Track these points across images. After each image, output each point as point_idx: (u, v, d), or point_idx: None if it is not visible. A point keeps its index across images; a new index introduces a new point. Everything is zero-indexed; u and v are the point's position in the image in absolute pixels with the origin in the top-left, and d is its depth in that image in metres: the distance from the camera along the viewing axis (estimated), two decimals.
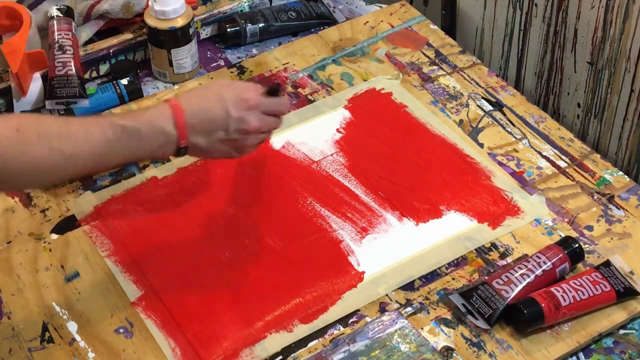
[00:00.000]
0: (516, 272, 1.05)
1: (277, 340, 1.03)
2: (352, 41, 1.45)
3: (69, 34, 1.34)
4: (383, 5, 1.53)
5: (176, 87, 1.38)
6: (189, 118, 1.01)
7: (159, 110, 1.01)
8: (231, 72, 1.40)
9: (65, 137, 0.93)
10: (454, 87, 1.36)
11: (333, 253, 1.12)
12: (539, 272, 1.05)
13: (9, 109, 1.33)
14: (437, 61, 1.41)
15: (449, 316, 1.06)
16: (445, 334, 1.04)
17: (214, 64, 1.44)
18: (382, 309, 1.07)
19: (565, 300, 1.02)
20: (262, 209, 1.18)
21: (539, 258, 1.07)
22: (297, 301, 1.07)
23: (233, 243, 1.13)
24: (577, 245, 1.08)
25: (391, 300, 1.08)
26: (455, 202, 1.18)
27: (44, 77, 1.33)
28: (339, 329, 1.05)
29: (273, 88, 1.09)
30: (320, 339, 1.04)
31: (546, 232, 1.14)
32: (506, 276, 1.05)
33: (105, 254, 1.13)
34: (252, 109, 1.05)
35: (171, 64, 1.37)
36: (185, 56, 1.37)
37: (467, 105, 1.33)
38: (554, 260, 1.06)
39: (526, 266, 1.06)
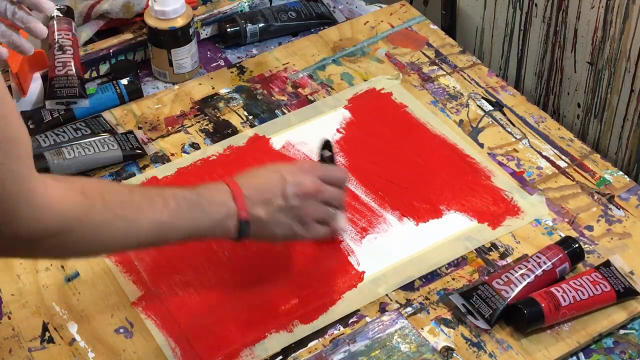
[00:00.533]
0: (516, 272, 1.05)
1: (277, 340, 1.03)
2: (352, 41, 1.45)
3: (69, 34, 1.34)
4: (383, 5, 1.53)
5: (176, 87, 1.38)
6: (244, 189, 0.99)
7: (215, 186, 0.99)
8: (231, 72, 1.40)
9: (129, 203, 0.91)
10: (454, 87, 1.36)
11: (333, 253, 1.12)
12: (539, 272, 1.05)
13: None
14: (437, 61, 1.41)
15: (449, 316, 1.06)
16: (445, 334, 1.04)
17: (214, 64, 1.44)
18: (382, 309, 1.07)
19: (565, 301, 1.02)
20: None
21: (539, 258, 1.07)
22: (297, 301, 1.07)
23: (233, 243, 1.13)
24: (577, 245, 1.08)
25: (391, 300, 1.08)
26: (455, 202, 1.18)
27: (44, 77, 1.33)
28: (339, 329, 1.05)
29: (324, 148, 1.10)
30: (320, 339, 1.04)
31: (546, 232, 1.14)
32: (506, 276, 1.05)
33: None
34: (307, 173, 1.03)
35: (171, 64, 1.38)
36: (185, 56, 1.37)
37: (467, 105, 1.33)
38: (554, 260, 1.06)
39: (526, 266, 1.06)
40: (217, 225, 0.97)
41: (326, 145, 1.12)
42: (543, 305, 1.01)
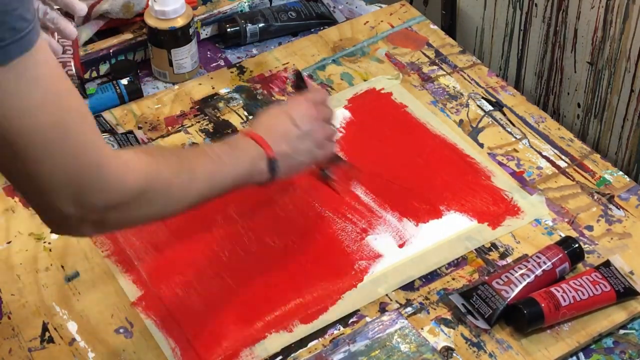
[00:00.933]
0: (516, 272, 1.05)
1: (277, 340, 1.03)
2: (352, 41, 1.45)
3: None
4: (383, 5, 1.53)
5: (176, 87, 1.38)
6: (262, 133, 1.04)
7: (234, 137, 1.05)
8: (231, 72, 1.40)
9: (182, 157, 0.95)
10: (454, 87, 1.36)
11: (333, 253, 1.12)
12: (538, 272, 1.05)
13: None
14: (437, 61, 1.41)
15: (449, 316, 1.06)
16: (445, 334, 1.04)
17: (214, 64, 1.44)
18: (382, 309, 1.07)
19: (565, 301, 1.02)
20: (262, 209, 1.18)
21: (539, 258, 1.07)
22: (297, 301, 1.07)
23: (233, 243, 1.13)
24: (577, 245, 1.08)
25: (391, 300, 1.08)
26: (455, 202, 1.18)
27: None
28: (339, 329, 1.05)
29: (297, 77, 1.16)
30: (320, 339, 1.04)
31: (546, 232, 1.14)
32: (506, 276, 1.05)
33: (105, 254, 1.13)
34: (302, 102, 1.10)
35: (171, 64, 1.38)
36: (185, 56, 1.37)
37: (467, 105, 1.33)
38: (554, 260, 1.06)
39: (526, 266, 1.06)
40: (253, 168, 1.01)
41: (297, 76, 1.17)
42: (543, 305, 1.01)
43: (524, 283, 1.04)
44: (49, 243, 1.15)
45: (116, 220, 0.86)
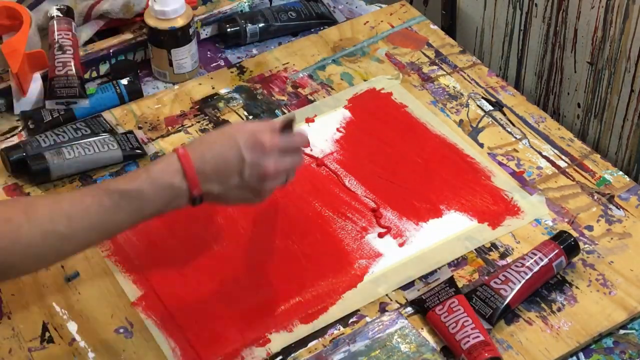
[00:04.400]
0: (513, 270, 1.06)
1: (277, 340, 1.03)
2: (352, 41, 1.45)
3: (69, 34, 1.34)
4: (383, 5, 1.53)
5: (176, 87, 1.38)
6: (199, 165, 0.94)
7: (165, 163, 0.94)
8: (231, 72, 1.40)
9: (58, 216, 0.89)
10: (454, 87, 1.36)
11: (333, 253, 1.12)
12: (536, 268, 1.05)
13: (9, 109, 1.34)
14: (437, 61, 1.41)
15: None
16: None
17: (214, 64, 1.44)
18: (382, 309, 1.07)
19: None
20: (262, 209, 1.18)
21: (535, 255, 1.07)
22: (297, 301, 1.07)
23: (233, 243, 1.13)
24: (572, 239, 1.08)
25: (391, 300, 1.08)
26: (456, 202, 1.18)
27: (44, 77, 1.33)
28: (339, 329, 1.05)
29: (288, 121, 1.03)
30: (320, 339, 1.04)
31: (546, 232, 1.14)
32: (504, 275, 1.05)
33: (105, 254, 1.13)
34: (268, 152, 0.97)
35: (171, 64, 1.38)
36: (185, 56, 1.37)
37: (467, 105, 1.33)
38: (550, 256, 1.06)
39: (523, 264, 1.06)
40: (165, 207, 0.95)
41: (290, 122, 1.03)
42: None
43: (522, 281, 1.04)
44: None
45: None
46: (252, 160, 0.96)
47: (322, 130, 1.29)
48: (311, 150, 1.25)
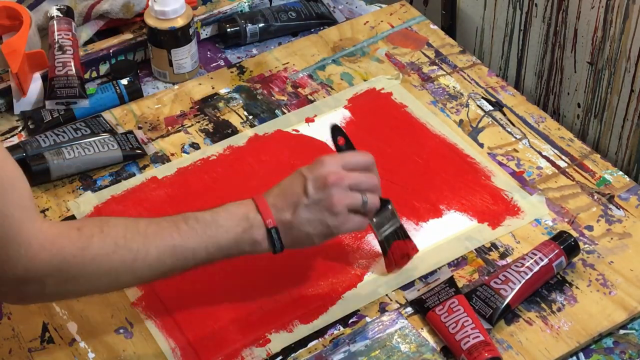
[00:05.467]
0: (513, 270, 1.06)
1: (277, 340, 1.03)
2: (352, 41, 1.45)
3: (69, 34, 1.34)
4: (383, 5, 1.53)
5: (176, 87, 1.38)
6: (269, 198, 0.97)
7: (239, 202, 0.98)
8: (231, 72, 1.40)
9: (133, 232, 0.90)
10: (454, 87, 1.36)
11: (333, 253, 1.12)
12: (536, 268, 1.05)
13: (9, 109, 1.34)
14: (437, 61, 1.41)
15: None
16: None
17: (214, 64, 1.44)
18: (382, 309, 1.07)
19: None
20: None
21: (535, 255, 1.07)
22: (297, 301, 1.07)
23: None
24: (572, 239, 1.08)
25: (391, 300, 1.08)
26: (456, 202, 1.18)
27: (44, 77, 1.33)
28: (339, 329, 1.05)
29: (335, 135, 1.04)
30: (320, 339, 1.04)
31: (546, 232, 1.14)
32: (504, 275, 1.05)
33: None
34: (327, 164, 0.98)
35: (171, 64, 1.38)
36: (185, 56, 1.37)
37: (467, 105, 1.33)
38: (550, 256, 1.06)
39: (523, 264, 1.06)
40: (240, 239, 0.95)
41: (336, 130, 1.06)
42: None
43: (522, 281, 1.04)
44: None
45: (38, 294, 0.87)
46: (312, 175, 0.98)
47: (322, 130, 1.29)
48: None
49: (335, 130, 1.06)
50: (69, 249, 0.85)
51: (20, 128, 1.32)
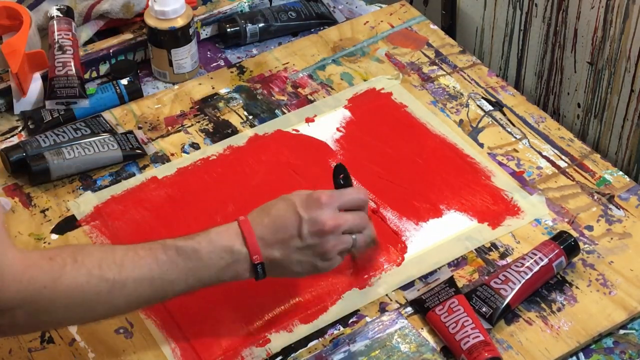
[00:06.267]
0: (513, 270, 1.06)
1: (277, 340, 1.03)
2: (352, 41, 1.45)
3: (69, 34, 1.34)
4: (383, 5, 1.53)
5: (176, 87, 1.38)
6: (258, 231, 0.93)
7: (224, 227, 0.94)
8: (231, 72, 1.40)
9: (109, 262, 0.86)
10: (454, 87, 1.36)
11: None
12: (536, 268, 1.05)
13: (9, 109, 1.34)
14: (437, 61, 1.41)
15: None
16: None
17: (214, 64, 1.44)
18: (382, 309, 1.07)
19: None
20: None
21: (535, 255, 1.07)
22: (297, 301, 1.07)
23: None
24: (572, 239, 1.08)
25: (391, 300, 1.08)
26: (456, 202, 1.18)
27: (44, 77, 1.33)
28: (339, 329, 1.05)
29: (338, 173, 1.03)
30: (320, 339, 1.04)
31: (546, 232, 1.14)
32: (504, 275, 1.05)
33: None
34: (324, 206, 0.95)
35: (171, 64, 1.37)
36: (185, 56, 1.37)
37: (467, 105, 1.33)
38: (550, 256, 1.06)
39: (523, 264, 1.06)
40: (222, 273, 0.93)
41: (340, 169, 1.04)
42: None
43: (522, 281, 1.04)
44: (49, 243, 1.15)
45: (8, 326, 0.84)
46: (309, 217, 0.94)
47: (322, 130, 1.29)
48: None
49: (339, 168, 1.04)
50: (40, 280, 0.82)
51: (20, 128, 1.32)
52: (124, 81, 1.35)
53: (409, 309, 1.06)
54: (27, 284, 0.82)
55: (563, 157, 1.25)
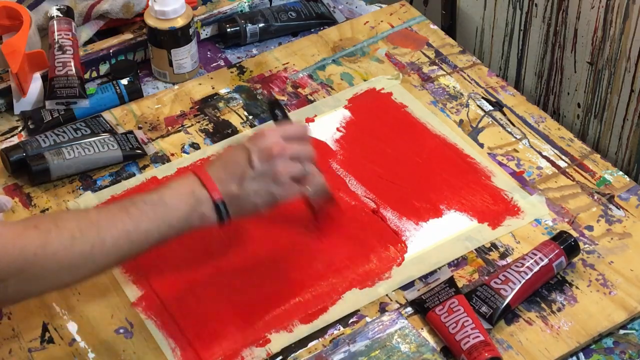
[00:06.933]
0: (513, 270, 1.06)
1: (277, 340, 1.03)
2: (352, 41, 1.45)
3: (69, 34, 1.34)
4: (383, 5, 1.53)
5: (176, 87, 1.38)
6: (212, 173, 0.98)
7: (181, 178, 0.99)
8: (231, 72, 1.40)
9: (86, 223, 0.91)
10: (454, 87, 1.36)
11: (333, 252, 1.12)
12: (536, 268, 1.05)
13: (9, 109, 1.34)
14: (437, 61, 1.41)
15: None
16: None
17: (214, 64, 1.44)
18: (382, 309, 1.07)
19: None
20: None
21: (535, 255, 1.07)
22: (297, 301, 1.07)
23: (233, 243, 1.13)
24: (572, 239, 1.08)
25: (391, 300, 1.08)
26: (456, 202, 1.18)
27: (44, 77, 1.33)
28: (339, 329, 1.05)
29: (273, 108, 1.10)
30: (320, 339, 1.04)
31: (546, 232, 1.14)
32: (504, 275, 1.05)
33: None
34: (267, 136, 1.01)
35: (171, 64, 1.38)
36: (185, 56, 1.37)
37: (467, 105, 1.33)
38: (550, 256, 1.06)
39: (523, 264, 1.06)
40: (189, 216, 0.96)
41: (274, 104, 1.12)
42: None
43: (523, 281, 1.04)
44: None
45: (18, 289, 0.88)
46: (255, 146, 1.00)
47: (322, 130, 1.29)
48: None
49: (274, 103, 1.12)
50: (30, 249, 0.86)
51: (20, 128, 1.32)
52: (124, 81, 1.35)
53: (409, 309, 1.06)
54: (19, 254, 0.85)
55: (563, 157, 1.25)
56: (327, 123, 1.30)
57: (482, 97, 1.34)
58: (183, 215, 0.96)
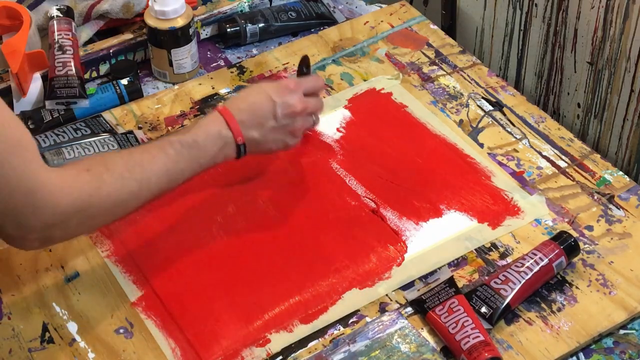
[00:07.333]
0: (513, 270, 1.06)
1: (277, 340, 1.03)
2: (352, 41, 1.45)
3: (69, 34, 1.34)
4: (383, 5, 1.53)
5: (176, 87, 1.38)
6: (237, 115, 1.08)
7: (209, 118, 1.09)
8: (231, 72, 1.40)
9: (132, 164, 0.99)
10: (454, 87, 1.36)
11: (334, 253, 1.12)
12: (536, 268, 1.05)
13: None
14: (437, 61, 1.41)
15: None
16: None
17: (214, 64, 1.44)
18: (382, 309, 1.07)
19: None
20: (262, 209, 1.18)
21: (535, 255, 1.07)
22: (297, 301, 1.07)
23: (233, 243, 1.13)
24: (572, 239, 1.08)
25: (391, 300, 1.08)
26: (456, 202, 1.18)
27: (44, 77, 1.33)
28: (339, 329, 1.05)
29: (303, 64, 1.20)
30: (320, 339, 1.04)
31: (546, 232, 1.14)
32: (504, 275, 1.05)
33: (105, 254, 1.13)
34: (293, 92, 1.12)
35: (171, 64, 1.38)
36: (185, 56, 1.37)
37: (467, 105, 1.33)
38: (550, 256, 1.06)
39: (523, 264, 1.06)
40: (216, 156, 1.07)
41: (305, 60, 1.21)
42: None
43: (523, 281, 1.04)
44: None
45: (62, 234, 0.96)
46: (281, 101, 1.11)
47: (322, 130, 1.29)
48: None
49: (305, 59, 1.21)
50: (86, 190, 0.94)
51: None
52: (124, 81, 1.35)
53: (409, 309, 1.06)
54: (77, 196, 0.92)
55: (563, 157, 1.25)
56: (327, 123, 1.30)
57: (482, 97, 1.34)
58: (212, 155, 1.07)
